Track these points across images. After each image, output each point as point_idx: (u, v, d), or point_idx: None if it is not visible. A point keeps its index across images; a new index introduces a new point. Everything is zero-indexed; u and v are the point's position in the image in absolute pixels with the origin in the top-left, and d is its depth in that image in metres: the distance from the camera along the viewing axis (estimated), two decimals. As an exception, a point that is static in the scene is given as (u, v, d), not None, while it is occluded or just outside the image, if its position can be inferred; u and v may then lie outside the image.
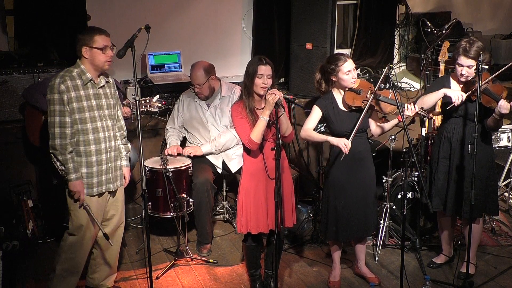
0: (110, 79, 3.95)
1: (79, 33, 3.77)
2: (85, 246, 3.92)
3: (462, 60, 4.03)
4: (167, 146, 5.07)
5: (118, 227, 4.09)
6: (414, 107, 3.91)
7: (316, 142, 3.95)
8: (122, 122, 4.04)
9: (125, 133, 4.07)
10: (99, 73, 3.82)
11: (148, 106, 4.43)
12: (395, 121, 4.01)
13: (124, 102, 4.52)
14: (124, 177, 4.07)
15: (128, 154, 4.10)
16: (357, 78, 4.04)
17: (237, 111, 3.89)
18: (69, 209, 3.86)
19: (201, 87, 4.91)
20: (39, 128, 4.66)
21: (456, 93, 3.98)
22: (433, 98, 4.08)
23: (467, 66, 4.03)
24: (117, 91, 4.03)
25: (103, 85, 3.85)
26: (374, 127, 4.10)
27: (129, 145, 4.12)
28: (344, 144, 3.81)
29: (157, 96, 4.45)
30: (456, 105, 3.99)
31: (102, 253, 4.08)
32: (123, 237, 4.94)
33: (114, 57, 3.81)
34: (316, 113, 4.03)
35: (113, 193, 3.97)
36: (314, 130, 4.06)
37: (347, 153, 3.81)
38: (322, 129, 4.82)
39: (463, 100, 3.98)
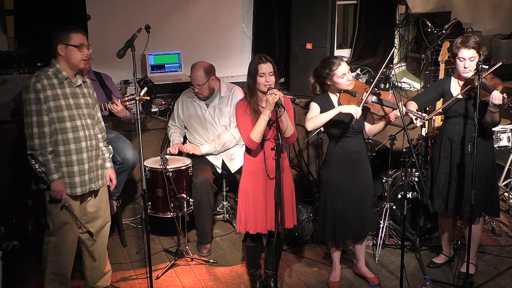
0: (87, 79, 3.89)
1: (54, 31, 3.71)
2: (70, 246, 3.86)
3: (463, 52, 4.02)
4: (171, 143, 5.08)
5: (103, 227, 4.04)
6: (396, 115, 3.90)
7: (326, 122, 3.85)
8: (103, 124, 3.98)
9: (106, 135, 4.01)
10: (75, 72, 3.76)
11: (138, 103, 4.41)
12: (386, 120, 3.99)
13: (114, 99, 4.52)
14: (111, 179, 4.01)
15: (110, 155, 4.04)
16: (352, 79, 4.04)
17: (242, 109, 3.89)
18: (48, 211, 3.78)
19: (200, 87, 4.91)
20: None
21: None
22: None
23: (469, 59, 4.02)
24: (95, 92, 3.96)
25: (80, 84, 3.79)
26: (368, 127, 4.12)
27: (110, 147, 4.06)
28: (355, 110, 3.79)
29: (145, 89, 4.43)
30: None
31: (90, 255, 4.03)
32: (123, 237, 4.98)
33: (114, 57, 3.81)
34: (315, 109, 4.01)
35: (95, 192, 3.91)
36: (314, 130, 4.06)
37: (357, 118, 3.81)
38: (322, 129, 4.82)
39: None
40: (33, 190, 3.85)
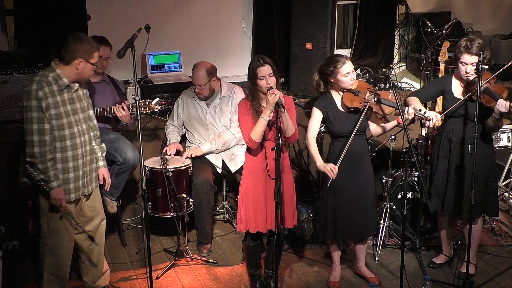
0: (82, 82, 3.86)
1: (78, 41, 3.62)
2: (66, 247, 3.85)
3: (465, 58, 4.02)
4: (168, 142, 5.08)
5: (100, 226, 4.04)
6: (412, 110, 3.93)
7: (310, 154, 4.03)
8: (95, 121, 3.94)
9: (98, 133, 3.98)
10: (75, 81, 3.73)
11: (148, 108, 4.43)
12: (394, 122, 4.02)
13: (123, 103, 4.53)
14: (104, 178, 4.00)
15: (103, 154, 4.02)
16: (356, 79, 4.04)
17: (244, 108, 3.89)
18: (42, 214, 3.77)
19: (201, 87, 4.91)
20: None
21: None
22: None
23: (471, 64, 4.02)
24: (87, 91, 3.92)
25: (77, 89, 3.76)
26: (373, 127, 4.12)
27: (103, 145, 4.04)
28: (330, 169, 3.86)
29: (157, 99, 4.45)
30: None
31: (87, 255, 4.02)
32: (123, 237, 4.98)
33: (114, 57, 3.81)
34: (317, 116, 4.04)
35: (87, 196, 3.91)
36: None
37: (334, 178, 3.86)
38: (322, 129, 4.82)
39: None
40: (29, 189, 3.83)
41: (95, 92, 4.58)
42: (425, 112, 4.01)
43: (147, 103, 4.39)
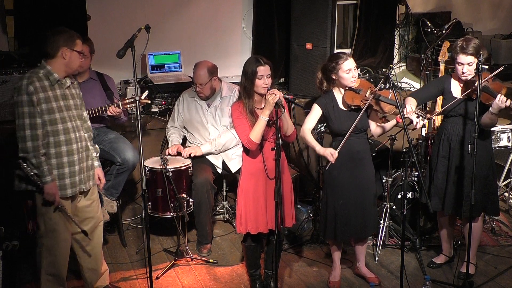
0: (74, 80, 3.87)
1: (56, 33, 3.66)
2: (64, 246, 3.85)
3: (461, 58, 4.04)
4: (169, 145, 5.08)
5: (97, 226, 4.02)
6: (411, 108, 3.94)
7: (307, 144, 4.05)
8: (89, 123, 3.96)
9: (92, 135, 3.99)
10: (67, 75, 3.75)
11: (138, 103, 4.41)
12: (394, 121, 4.02)
13: (115, 101, 4.52)
14: (99, 178, 4.01)
15: (97, 155, 4.02)
16: (358, 78, 4.05)
17: (238, 111, 3.89)
18: (39, 213, 3.77)
19: (202, 86, 4.91)
20: None
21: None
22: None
23: (467, 64, 4.03)
24: (81, 92, 3.93)
25: (69, 86, 3.77)
26: (374, 127, 4.12)
27: (96, 146, 4.04)
28: (330, 153, 3.89)
29: (146, 92, 4.43)
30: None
31: (86, 256, 4.01)
32: (123, 237, 4.98)
33: (114, 57, 3.81)
34: (316, 112, 4.04)
35: (85, 193, 3.90)
36: (314, 129, 4.07)
37: (333, 162, 3.91)
38: (322, 129, 4.83)
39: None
40: (22, 191, 3.83)
41: (84, 92, 4.57)
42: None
43: (137, 98, 4.38)
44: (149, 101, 4.45)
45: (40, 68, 3.69)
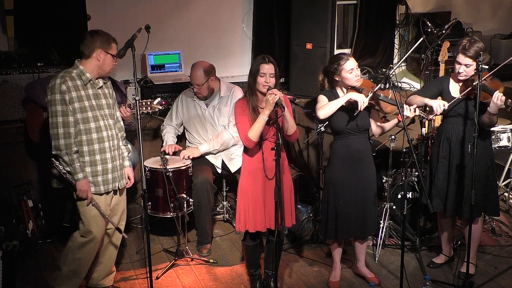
0: (107, 80, 3.95)
1: (94, 34, 3.77)
2: (94, 248, 3.93)
3: (460, 58, 4.05)
4: (164, 143, 5.08)
5: (118, 225, 4.08)
6: (414, 109, 3.94)
7: (336, 108, 3.88)
8: (121, 123, 4.06)
9: (124, 134, 4.08)
10: (98, 76, 3.84)
11: (149, 108, 4.43)
12: (395, 121, 4.03)
13: (124, 103, 4.52)
14: (129, 177, 4.09)
15: (129, 154, 4.11)
16: (361, 77, 4.05)
17: (241, 107, 3.90)
18: (79, 212, 3.86)
19: (200, 87, 4.91)
20: (40, 124, 4.67)
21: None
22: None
23: (464, 65, 4.04)
24: (114, 92, 4.03)
25: (101, 86, 3.87)
26: (374, 127, 4.12)
27: (129, 145, 4.13)
28: (362, 99, 3.83)
29: (158, 99, 4.46)
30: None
31: (102, 253, 4.07)
32: (123, 237, 4.97)
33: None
34: (324, 99, 4.00)
35: (119, 191, 4.00)
36: (313, 129, 4.06)
37: (361, 110, 3.84)
38: (322, 129, 4.82)
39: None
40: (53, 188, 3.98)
41: None
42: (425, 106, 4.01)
43: (148, 103, 4.40)
44: (161, 108, 4.47)
45: (74, 68, 3.78)
